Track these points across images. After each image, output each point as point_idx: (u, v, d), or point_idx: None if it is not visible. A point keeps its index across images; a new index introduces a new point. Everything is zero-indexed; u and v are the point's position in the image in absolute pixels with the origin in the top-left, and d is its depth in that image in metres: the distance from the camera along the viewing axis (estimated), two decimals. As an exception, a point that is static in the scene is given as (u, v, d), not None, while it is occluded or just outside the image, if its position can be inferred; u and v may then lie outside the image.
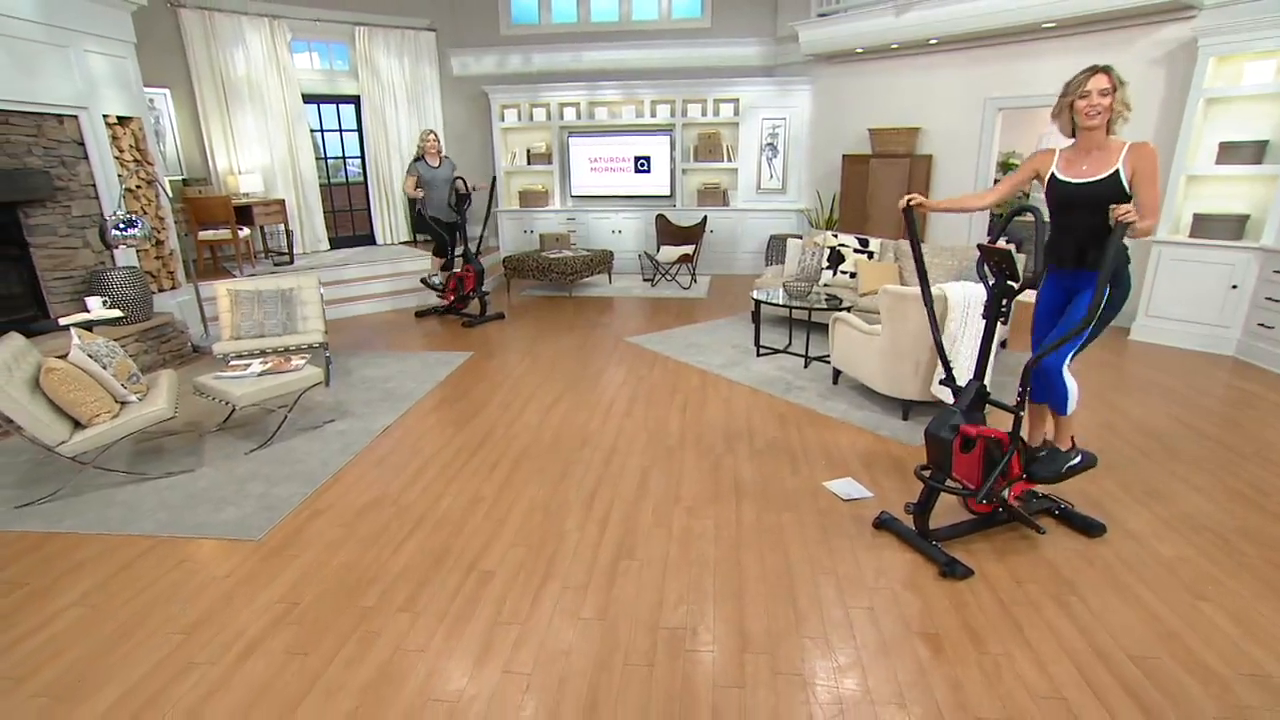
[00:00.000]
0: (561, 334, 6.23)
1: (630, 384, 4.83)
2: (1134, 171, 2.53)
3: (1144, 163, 2.52)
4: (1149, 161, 2.51)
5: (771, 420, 4.15)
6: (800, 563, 2.71)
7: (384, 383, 4.93)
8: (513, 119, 9.07)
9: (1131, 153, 2.54)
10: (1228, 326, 5.16)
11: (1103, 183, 2.59)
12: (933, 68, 7.06)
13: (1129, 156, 2.54)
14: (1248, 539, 2.83)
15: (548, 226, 9.19)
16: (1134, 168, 2.53)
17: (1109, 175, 2.58)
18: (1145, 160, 2.52)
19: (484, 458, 3.73)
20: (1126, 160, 2.54)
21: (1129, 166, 2.54)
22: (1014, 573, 2.62)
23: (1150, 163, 2.51)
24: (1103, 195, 2.57)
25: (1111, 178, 2.57)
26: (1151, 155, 2.52)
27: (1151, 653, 2.19)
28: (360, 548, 2.87)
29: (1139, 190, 2.53)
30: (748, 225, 8.90)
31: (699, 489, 3.33)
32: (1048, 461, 2.87)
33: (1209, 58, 5.05)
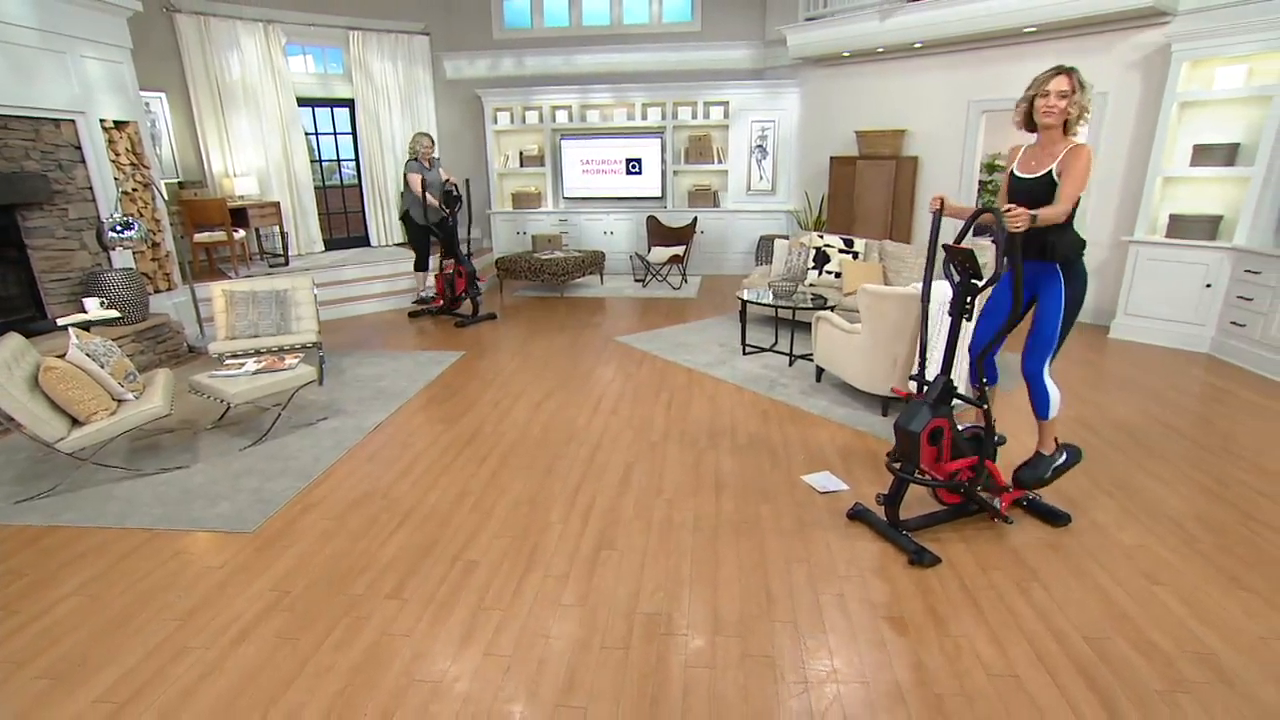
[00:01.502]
0: (553, 334, 6.32)
1: (618, 382, 4.93)
2: (1060, 171, 2.64)
3: (1067, 164, 2.62)
4: (1075, 160, 2.60)
5: (754, 417, 4.25)
6: (775, 552, 2.81)
7: (376, 381, 5.02)
8: (505, 122, 9.17)
9: (1067, 153, 2.64)
10: (1203, 324, 5.28)
11: (1040, 180, 2.70)
12: (918, 71, 7.18)
13: (1064, 156, 2.64)
14: (1204, 527, 2.94)
15: (540, 228, 9.29)
16: (1063, 166, 2.63)
17: (1045, 173, 2.69)
18: (1070, 161, 2.61)
19: (472, 453, 3.82)
20: (1061, 160, 2.65)
21: (1060, 165, 2.64)
22: (981, 560, 2.72)
23: (1075, 162, 2.59)
24: (1037, 193, 2.68)
25: (1046, 175, 2.68)
26: (1080, 155, 2.60)
27: (1104, 633, 2.30)
28: (350, 539, 2.96)
29: (1061, 182, 2.63)
30: (738, 226, 9.01)
31: (680, 483, 3.43)
32: (1034, 466, 2.97)
33: (1182, 62, 5.17)
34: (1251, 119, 5.04)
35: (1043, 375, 2.89)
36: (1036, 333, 2.85)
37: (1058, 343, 2.83)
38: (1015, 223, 2.38)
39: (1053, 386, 2.90)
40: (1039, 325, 2.84)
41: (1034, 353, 2.85)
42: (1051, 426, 2.98)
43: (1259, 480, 3.35)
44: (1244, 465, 3.51)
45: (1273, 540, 2.84)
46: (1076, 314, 2.80)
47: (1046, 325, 2.80)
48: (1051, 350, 2.85)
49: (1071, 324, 2.81)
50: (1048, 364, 2.88)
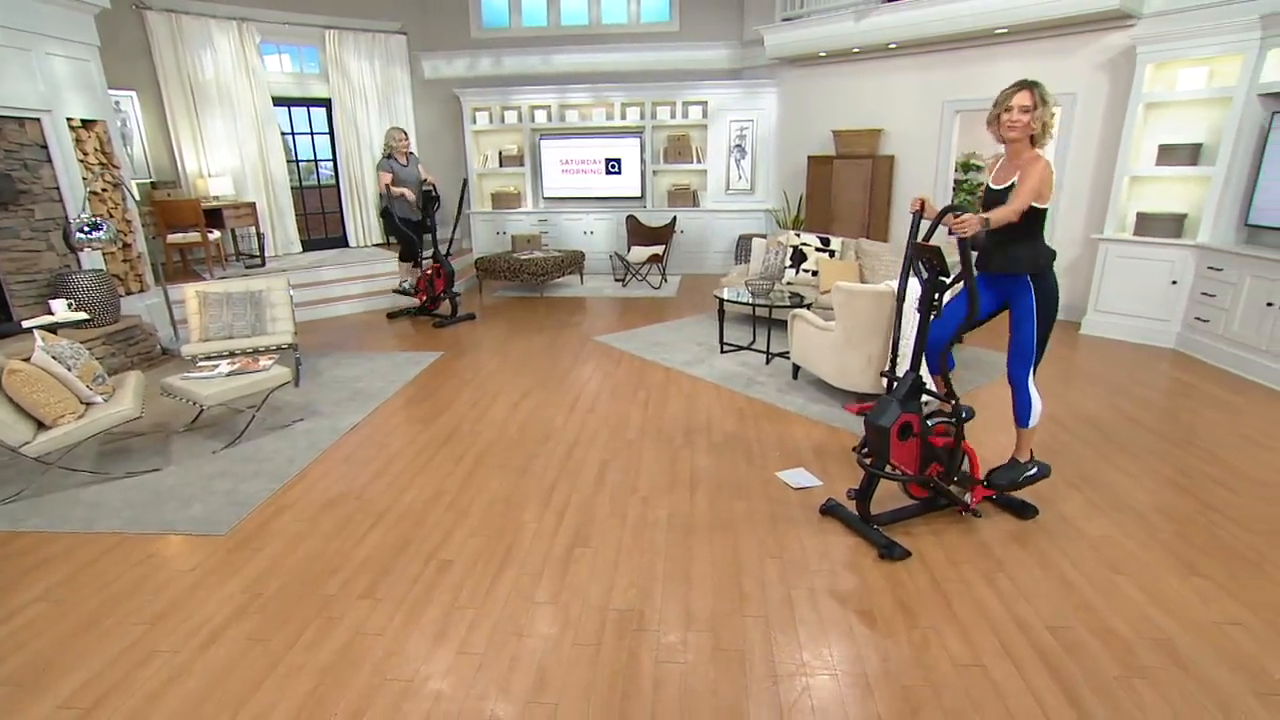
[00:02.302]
0: (532, 334, 6.32)
1: (596, 381, 4.94)
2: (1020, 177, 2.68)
3: (1024, 172, 2.66)
4: (1031, 168, 2.64)
5: (731, 414, 4.27)
6: (748, 548, 2.83)
7: (353, 382, 4.99)
8: (484, 121, 9.14)
9: (1027, 164, 2.68)
10: (1169, 320, 5.39)
11: (1004, 191, 2.75)
12: (893, 71, 7.25)
13: (1024, 168, 2.69)
14: (1165, 517, 3.01)
15: (520, 228, 9.27)
16: (1021, 176, 2.68)
17: (1009, 185, 2.73)
18: (1026, 171, 2.65)
19: (449, 453, 3.82)
20: (1022, 170, 2.69)
21: (1020, 176, 2.69)
22: (950, 553, 2.77)
23: (1032, 170, 2.63)
24: (1001, 201, 2.72)
25: (1010, 187, 2.73)
26: (1036, 165, 2.63)
27: (1067, 622, 2.35)
28: (324, 540, 2.95)
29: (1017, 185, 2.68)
30: (717, 225, 9.05)
31: (655, 480, 3.44)
32: (1007, 469, 3.02)
33: (1147, 64, 5.27)
34: (1213, 120, 5.16)
35: (1027, 383, 2.93)
36: (1015, 343, 2.89)
37: (1037, 351, 2.87)
38: (962, 228, 2.42)
39: (1036, 396, 2.94)
40: (1016, 336, 2.87)
41: (1016, 361, 2.89)
42: (1030, 435, 3.02)
43: (1218, 471, 3.43)
44: (1204, 457, 3.59)
45: (1229, 529, 2.91)
46: (1052, 322, 2.84)
47: (1023, 336, 2.84)
48: (1032, 359, 2.89)
49: (1048, 332, 2.85)
50: (1031, 372, 2.92)
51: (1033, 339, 2.84)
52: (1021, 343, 2.87)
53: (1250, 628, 2.32)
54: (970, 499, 2.95)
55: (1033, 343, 2.84)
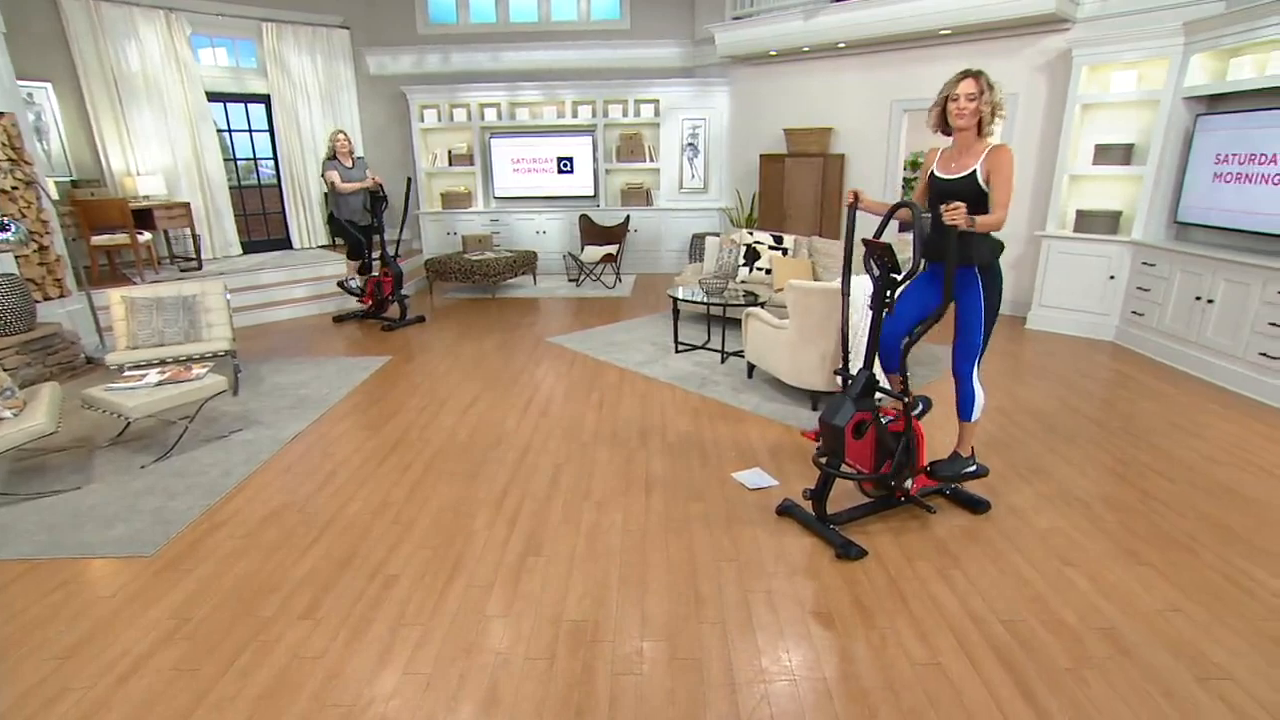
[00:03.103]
0: (483, 336, 6.17)
1: (549, 383, 4.84)
2: (989, 171, 2.71)
3: (998, 163, 2.69)
4: (1002, 162, 2.68)
5: (685, 415, 4.23)
6: (704, 552, 2.79)
7: (297, 389, 4.78)
8: (432, 119, 8.92)
9: (990, 154, 2.72)
10: (1108, 314, 5.57)
11: (964, 179, 2.76)
12: (842, 70, 7.33)
13: (988, 157, 2.72)
14: (1108, 506, 3.08)
15: (470, 228, 9.08)
16: (989, 168, 2.71)
17: (969, 173, 2.75)
18: (999, 161, 2.68)
19: (396, 461, 3.67)
20: (985, 161, 2.72)
21: (986, 167, 2.71)
22: (905, 551, 2.77)
23: (1003, 163, 2.68)
24: (963, 192, 2.73)
25: (970, 176, 2.75)
26: (1006, 157, 2.68)
27: (1019, 615, 2.36)
28: (261, 557, 2.78)
29: (993, 187, 2.71)
30: (671, 224, 9.02)
31: (609, 484, 3.37)
32: (949, 463, 3.03)
33: (1082, 66, 5.44)
34: (1143, 121, 5.35)
35: (971, 377, 2.95)
36: (961, 335, 2.91)
37: (983, 344, 2.89)
38: (955, 218, 2.42)
39: (979, 389, 2.96)
40: (962, 330, 2.89)
41: (961, 355, 2.91)
42: (972, 430, 3.04)
43: (1155, 460, 3.53)
44: (1142, 446, 3.70)
45: (1167, 516, 2.99)
46: (996, 315, 2.87)
47: (970, 329, 2.86)
48: (978, 352, 2.91)
49: (993, 324, 2.87)
50: (976, 365, 2.94)
51: (979, 332, 2.86)
52: (968, 336, 2.89)
53: (1188, 613, 2.37)
54: (911, 486, 2.94)
55: (979, 336, 2.87)
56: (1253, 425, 3.96)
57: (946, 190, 2.81)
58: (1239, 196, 4.62)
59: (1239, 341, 4.44)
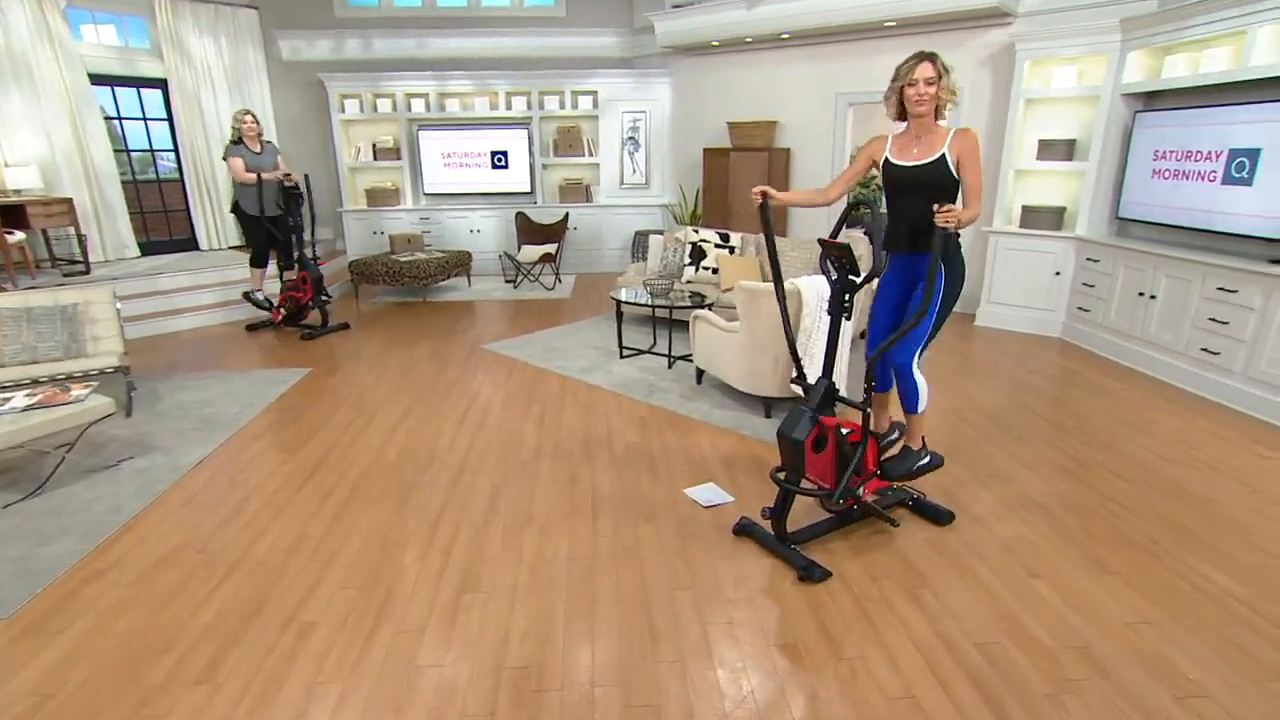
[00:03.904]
0: (414, 343, 5.88)
1: (485, 394, 4.61)
2: (959, 156, 2.66)
3: (967, 147, 2.65)
4: (972, 146, 2.64)
5: (633, 425, 4.08)
6: (657, 579, 2.63)
7: (202, 408, 4.41)
8: (354, 110, 8.50)
9: (956, 138, 2.67)
10: (1054, 310, 5.70)
11: (931, 166, 2.71)
12: (786, 62, 7.32)
13: (954, 142, 2.67)
14: (1069, 511, 3.08)
15: (399, 227, 8.70)
16: (959, 153, 2.66)
17: (936, 159, 2.70)
18: (969, 145, 2.65)
19: (316, 487, 3.39)
20: (952, 145, 2.67)
21: (954, 152, 2.66)
22: (870, 569, 2.68)
23: (973, 148, 2.65)
24: (931, 178, 2.68)
25: (939, 161, 2.69)
26: (974, 141, 2.65)
27: (992, 637, 2.30)
28: (152, 609, 2.48)
29: (964, 175, 2.66)
30: (612, 222, 8.86)
31: (553, 506, 3.19)
32: (900, 460, 2.97)
33: (1025, 61, 5.54)
34: (1084, 117, 5.48)
35: (912, 368, 2.90)
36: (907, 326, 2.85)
37: (929, 336, 2.84)
38: (949, 220, 2.34)
39: (922, 380, 2.92)
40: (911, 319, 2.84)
41: (904, 345, 2.85)
42: (921, 421, 3.00)
43: (1109, 459, 3.58)
44: (1097, 445, 3.74)
45: (1127, 520, 3.01)
46: (952, 307, 2.83)
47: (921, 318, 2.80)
48: (922, 343, 2.86)
49: (946, 317, 2.83)
50: (917, 357, 2.89)
51: (929, 322, 2.80)
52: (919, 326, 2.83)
53: (1158, 624, 2.35)
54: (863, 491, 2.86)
55: (928, 326, 2.81)
56: (1196, 421, 4.07)
57: (911, 178, 2.75)
58: (1176, 193, 4.77)
59: (1181, 337, 4.58)
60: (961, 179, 2.68)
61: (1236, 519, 3.02)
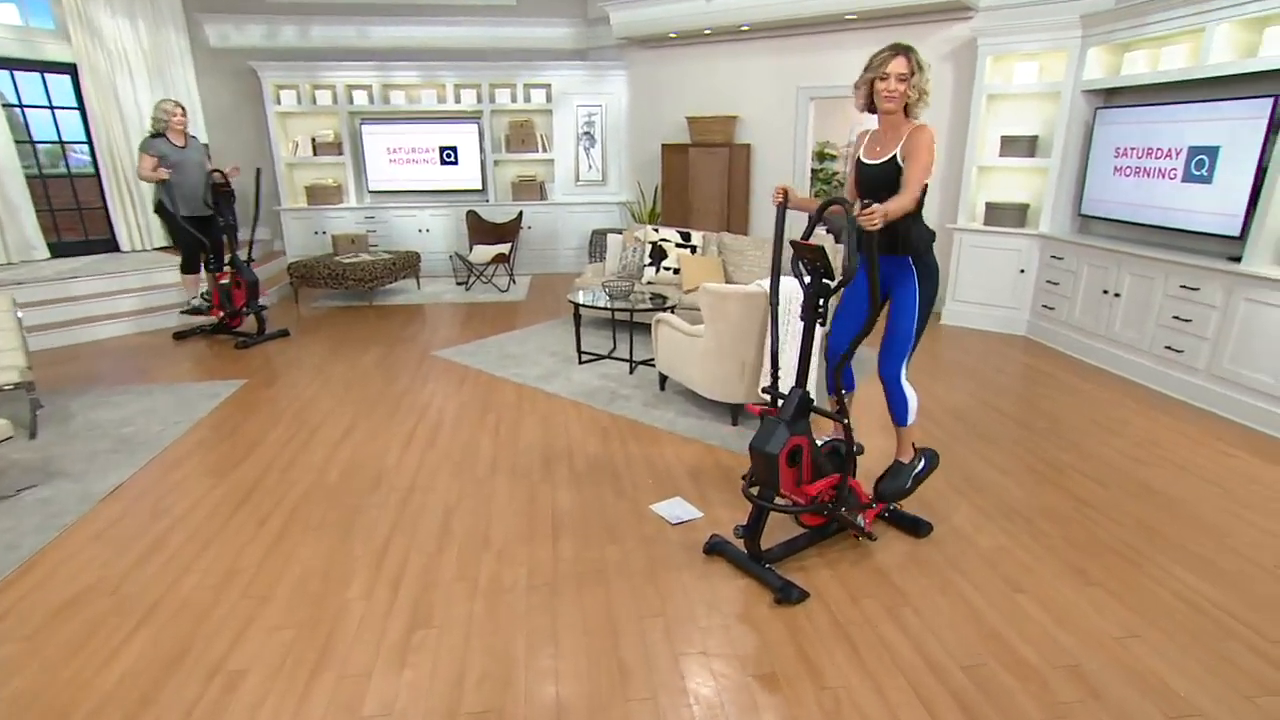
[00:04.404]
0: (359, 350, 5.62)
1: (436, 405, 4.41)
2: (904, 154, 2.58)
3: (913, 144, 2.54)
4: (918, 144, 2.53)
5: (594, 436, 3.93)
6: (625, 606, 2.50)
7: (120, 427, 4.10)
8: (291, 102, 8.14)
9: (910, 135, 2.58)
10: (1019, 308, 5.76)
11: (885, 164, 2.63)
12: (747, 55, 7.26)
13: (906, 139, 2.58)
14: (1048, 519, 3.05)
15: (342, 226, 8.37)
16: (904, 150, 2.58)
17: (890, 158, 2.62)
18: (915, 141, 2.54)
19: (249, 514, 3.16)
20: (904, 143, 2.59)
21: (904, 149, 2.58)
22: (849, 587, 2.59)
23: (919, 144, 2.53)
24: (884, 177, 2.61)
25: (891, 160, 2.61)
26: (923, 137, 2.53)
27: (979, 659, 2.22)
28: (52, 666, 2.24)
29: (905, 167, 2.56)
30: (568, 220, 8.70)
31: (511, 527, 3.02)
32: (893, 477, 2.90)
33: (986, 56, 5.58)
34: (1046, 113, 5.55)
35: (900, 378, 2.83)
36: (892, 333, 2.78)
37: (914, 342, 2.78)
38: (871, 222, 2.23)
39: (910, 390, 2.85)
40: (894, 325, 2.77)
41: (890, 355, 2.78)
42: (910, 433, 2.93)
43: (1082, 462, 3.58)
44: (1068, 448, 3.75)
45: (1105, 526, 3.00)
46: (931, 309, 2.77)
47: (902, 324, 2.74)
48: (908, 351, 2.79)
49: (926, 320, 2.77)
50: (905, 366, 2.83)
51: (912, 328, 2.74)
52: (899, 332, 2.76)
53: (1145, 638, 2.32)
54: (864, 521, 2.80)
55: (911, 333, 2.75)
56: (1163, 420, 4.12)
57: (871, 177, 2.67)
58: (1138, 190, 4.85)
59: (1145, 335, 4.64)
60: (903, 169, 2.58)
61: (1209, 521, 3.04)
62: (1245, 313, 4.01)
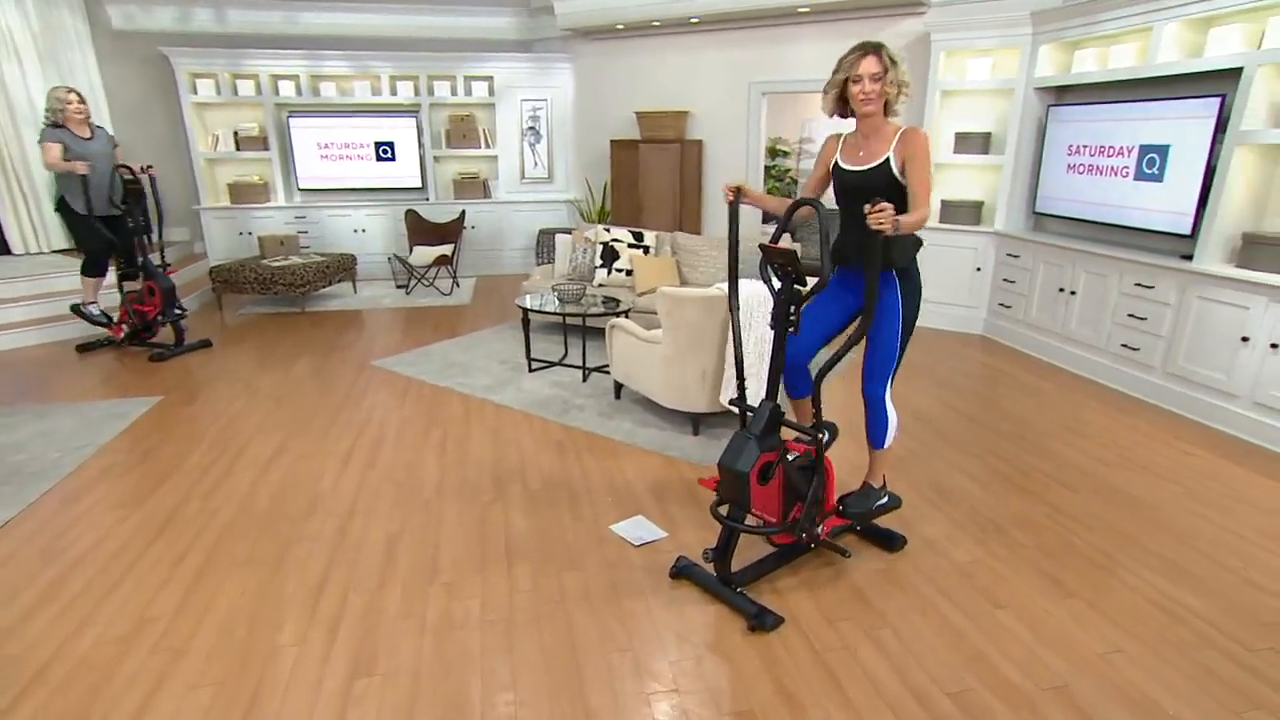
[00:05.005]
0: (290, 361, 5.31)
1: (376, 421, 4.17)
2: (904, 159, 2.51)
3: (913, 149, 2.49)
4: (919, 148, 2.49)
5: (548, 450, 3.77)
6: (589, 641, 2.35)
7: (10, 454, 3.74)
8: (209, 92, 7.69)
9: (902, 139, 2.52)
10: (975, 307, 5.82)
11: (875, 171, 2.55)
12: (697, 49, 7.18)
13: (899, 144, 2.52)
14: (1020, 527, 3.03)
15: (270, 227, 7.95)
16: (903, 155, 2.51)
17: (881, 163, 2.54)
18: (915, 147, 2.49)
19: (164, 551, 2.89)
20: (897, 147, 2.52)
21: (899, 155, 2.51)
22: (825, 610, 2.50)
23: (920, 149, 2.49)
24: (875, 184, 2.52)
25: (883, 165, 2.54)
26: (922, 141, 2.50)
27: (964, 684, 2.15)
28: (-74, 742, 1.97)
29: (910, 178, 2.51)
30: (513, 219, 8.49)
31: (462, 555, 2.84)
32: (861, 497, 2.82)
33: (940, 52, 5.61)
34: (999, 110, 5.62)
35: (885, 398, 2.75)
36: (875, 350, 2.70)
37: (898, 359, 2.70)
38: (881, 222, 2.14)
39: (893, 413, 2.78)
40: (877, 342, 2.68)
41: (875, 373, 2.70)
42: (885, 457, 2.86)
43: (1050, 465, 3.60)
44: (1034, 451, 3.76)
45: (1078, 533, 2.99)
46: (914, 323, 2.71)
47: (886, 341, 2.66)
48: (892, 369, 2.72)
49: (910, 334, 2.70)
50: (889, 384, 2.75)
51: (895, 345, 2.67)
52: (882, 349, 2.69)
53: (1129, 652, 2.29)
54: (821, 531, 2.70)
55: (894, 350, 2.68)
56: (1123, 419, 4.19)
57: (857, 184, 2.58)
58: (1092, 188, 4.94)
59: (1102, 333, 4.73)
60: (907, 182, 2.52)
61: (1177, 523, 3.07)
62: (1198, 310, 4.11)
